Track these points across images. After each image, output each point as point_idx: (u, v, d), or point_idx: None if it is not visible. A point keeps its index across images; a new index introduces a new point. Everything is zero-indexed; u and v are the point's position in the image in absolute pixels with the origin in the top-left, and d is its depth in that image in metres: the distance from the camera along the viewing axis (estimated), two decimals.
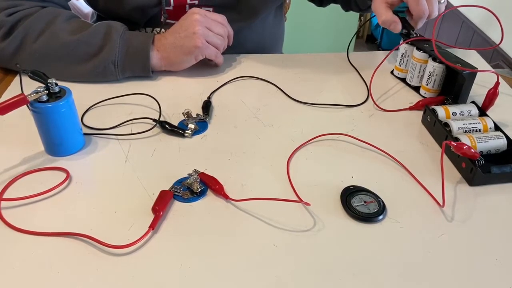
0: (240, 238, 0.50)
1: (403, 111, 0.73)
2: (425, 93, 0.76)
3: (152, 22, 0.86)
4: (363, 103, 0.74)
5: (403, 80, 0.81)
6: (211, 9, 0.85)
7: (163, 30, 0.86)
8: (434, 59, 0.73)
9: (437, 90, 0.74)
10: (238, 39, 0.82)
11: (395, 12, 0.73)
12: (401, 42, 0.79)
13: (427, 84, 0.75)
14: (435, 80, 0.73)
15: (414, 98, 0.76)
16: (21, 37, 0.73)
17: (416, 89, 0.78)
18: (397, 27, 0.71)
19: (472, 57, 0.88)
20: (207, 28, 0.75)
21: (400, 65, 0.81)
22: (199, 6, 0.84)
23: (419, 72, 0.77)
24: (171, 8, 0.85)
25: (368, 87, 0.78)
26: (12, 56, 0.74)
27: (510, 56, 1.60)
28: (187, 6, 0.84)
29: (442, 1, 0.71)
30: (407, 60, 0.79)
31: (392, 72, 0.83)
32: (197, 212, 0.53)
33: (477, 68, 0.68)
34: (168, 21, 0.86)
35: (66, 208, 0.53)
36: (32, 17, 0.73)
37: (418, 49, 0.75)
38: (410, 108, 0.73)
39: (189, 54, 0.75)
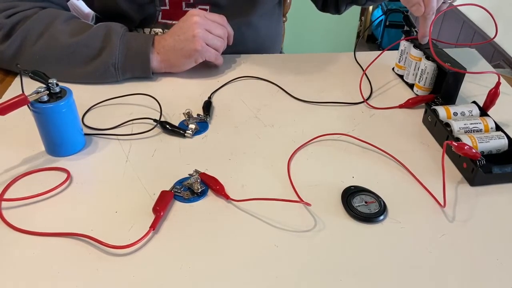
0: (241, 238, 0.50)
1: (398, 110, 0.73)
2: (417, 91, 0.76)
3: (148, 21, 0.86)
4: (361, 102, 0.74)
5: (402, 77, 0.81)
6: (207, 7, 0.85)
7: (160, 30, 0.86)
8: (428, 57, 0.73)
9: (428, 88, 0.74)
10: (236, 38, 0.81)
11: (399, 9, 0.72)
12: (400, 39, 0.79)
13: (419, 82, 0.75)
14: (426, 78, 0.73)
15: (410, 95, 0.76)
16: (21, 40, 0.72)
17: (412, 86, 0.78)
18: (420, 9, 0.68)
19: (473, 57, 0.88)
20: (207, 30, 0.74)
21: (399, 62, 0.81)
22: (194, 4, 0.84)
23: (414, 70, 0.77)
24: (167, 7, 0.84)
25: (367, 85, 0.78)
26: (12, 59, 0.74)
27: (511, 56, 1.60)
28: (183, 4, 0.84)
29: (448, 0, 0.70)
30: (405, 58, 0.79)
31: (393, 69, 0.83)
32: (197, 212, 0.53)
33: (465, 69, 0.68)
34: (163, 20, 0.85)
35: (66, 208, 0.53)
36: (31, 19, 0.73)
37: (415, 46, 0.75)
38: (400, 106, 0.73)
39: (189, 57, 0.75)
